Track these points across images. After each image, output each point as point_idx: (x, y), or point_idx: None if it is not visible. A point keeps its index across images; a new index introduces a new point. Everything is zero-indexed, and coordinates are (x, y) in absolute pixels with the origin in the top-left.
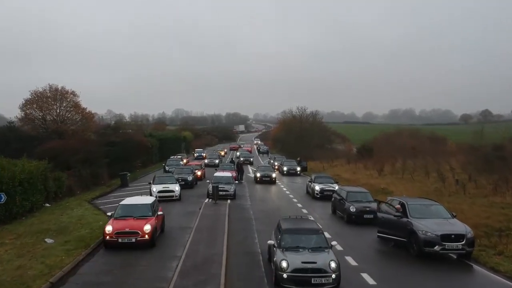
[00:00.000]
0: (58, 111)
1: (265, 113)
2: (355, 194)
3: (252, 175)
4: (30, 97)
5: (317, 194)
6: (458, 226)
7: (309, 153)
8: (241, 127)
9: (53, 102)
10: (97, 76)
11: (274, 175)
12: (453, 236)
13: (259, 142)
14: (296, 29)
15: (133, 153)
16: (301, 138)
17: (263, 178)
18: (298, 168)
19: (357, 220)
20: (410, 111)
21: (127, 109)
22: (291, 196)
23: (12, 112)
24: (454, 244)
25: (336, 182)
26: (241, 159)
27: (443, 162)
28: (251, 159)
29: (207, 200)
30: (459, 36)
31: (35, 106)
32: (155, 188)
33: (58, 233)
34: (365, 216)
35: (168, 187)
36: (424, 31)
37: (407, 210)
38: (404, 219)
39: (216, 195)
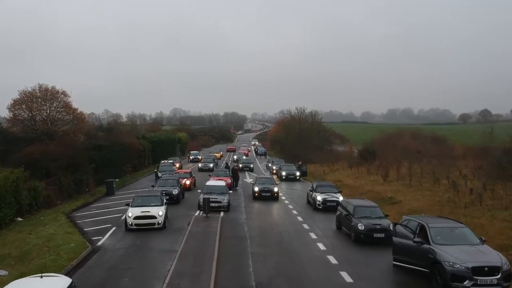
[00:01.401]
0: (48, 111)
1: (263, 112)
2: (363, 209)
3: (248, 180)
4: (19, 97)
5: (318, 205)
6: (491, 256)
7: (308, 155)
8: (249, 126)
9: (43, 103)
10: (95, 75)
11: (276, 189)
12: (486, 268)
13: (257, 143)
14: (293, 29)
15: (123, 157)
16: (300, 140)
17: (263, 194)
18: (298, 173)
19: (366, 239)
20: (409, 111)
21: (125, 109)
22: (290, 206)
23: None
24: (488, 279)
25: (340, 192)
26: (240, 165)
27: (452, 166)
28: (251, 165)
29: (197, 212)
30: (457, 36)
31: (24, 106)
32: (131, 213)
33: (17, 261)
34: (375, 235)
35: (148, 212)
36: (421, 30)
37: (429, 235)
38: (426, 246)
39: (208, 208)
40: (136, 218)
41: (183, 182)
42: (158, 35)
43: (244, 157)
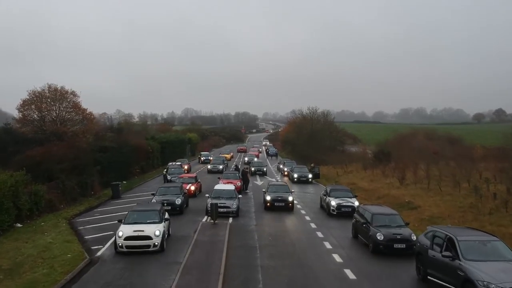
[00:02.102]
0: (57, 112)
1: (274, 112)
2: (382, 217)
3: (259, 183)
4: (28, 97)
5: (333, 210)
6: None
7: (320, 156)
8: (264, 125)
9: (52, 103)
10: (107, 76)
11: (291, 198)
12: None
13: (268, 143)
14: (302, 29)
15: (130, 158)
16: (311, 140)
17: (276, 204)
18: (310, 175)
19: (385, 250)
20: (421, 110)
21: (137, 109)
22: (303, 212)
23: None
24: None
25: (355, 196)
26: (252, 169)
27: (472, 169)
28: (264, 169)
29: (205, 218)
30: (464, 34)
31: (33, 107)
32: (122, 232)
33: (7, 274)
34: (395, 245)
35: (142, 231)
36: (433, 28)
37: (458, 249)
38: (455, 262)
39: (215, 214)
40: (127, 239)
41: (187, 188)
42: (168, 36)
43: (255, 159)
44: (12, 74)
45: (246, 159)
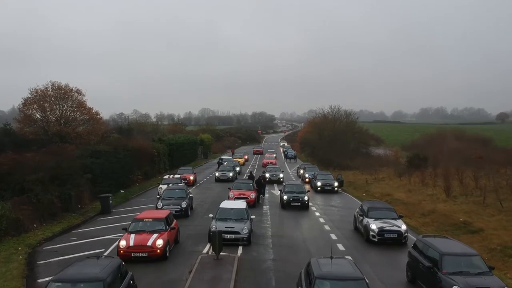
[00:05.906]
0: (62, 111)
1: (291, 112)
2: (456, 259)
3: (277, 192)
4: (30, 96)
5: (373, 236)
6: None
7: (344, 160)
8: (284, 123)
9: (56, 102)
10: (125, 76)
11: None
12: None
13: (286, 144)
14: (319, 28)
15: (129, 164)
16: (334, 142)
17: None
18: (336, 184)
19: None
20: (442, 110)
21: (155, 109)
22: (333, 236)
23: None
24: None
25: (400, 217)
26: (284, 197)
27: None
28: (305, 197)
29: (207, 248)
30: (485, 32)
31: (35, 106)
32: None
33: None
34: None
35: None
36: (450, 27)
37: None
38: None
39: (219, 246)
40: None
41: (150, 243)
42: (162, 37)
43: (281, 174)
44: (24, 75)
45: (267, 175)
